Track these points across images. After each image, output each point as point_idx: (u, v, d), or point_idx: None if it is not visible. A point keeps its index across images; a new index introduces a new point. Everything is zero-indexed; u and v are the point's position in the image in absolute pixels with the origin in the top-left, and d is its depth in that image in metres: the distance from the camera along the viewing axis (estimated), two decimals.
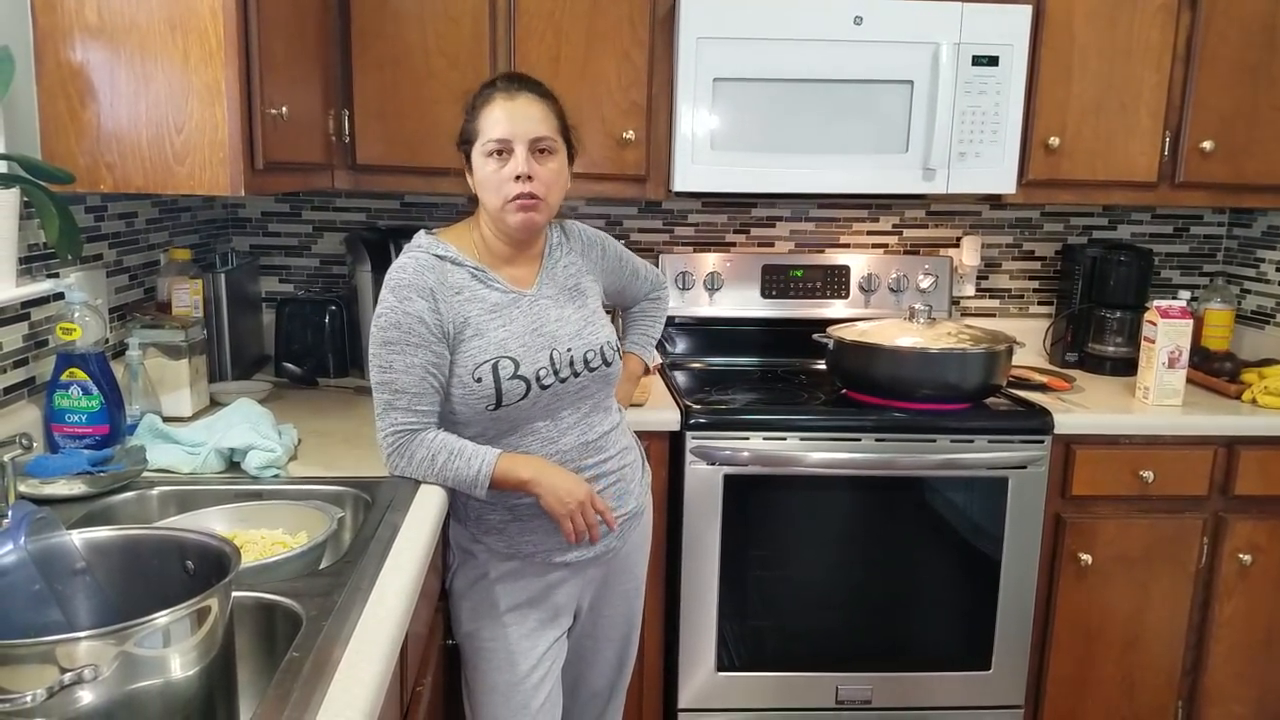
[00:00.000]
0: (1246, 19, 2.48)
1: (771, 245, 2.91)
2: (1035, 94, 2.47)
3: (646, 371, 2.11)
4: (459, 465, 1.60)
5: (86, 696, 0.87)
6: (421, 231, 1.72)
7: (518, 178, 1.62)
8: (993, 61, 2.37)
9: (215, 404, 2.11)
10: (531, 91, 1.67)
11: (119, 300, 2.08)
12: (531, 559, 1.73)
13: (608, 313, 1.88)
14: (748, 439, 2.21)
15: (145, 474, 1.63)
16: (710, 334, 2.79)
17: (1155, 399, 2.38)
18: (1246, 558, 2.36)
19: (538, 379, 1.65)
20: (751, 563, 2.27)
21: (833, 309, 2.79)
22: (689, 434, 2.20)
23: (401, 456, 1.62)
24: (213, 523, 1.46)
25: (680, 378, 2.55)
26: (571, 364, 1.69)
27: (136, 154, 1.68)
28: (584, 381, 1.71)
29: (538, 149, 1.64)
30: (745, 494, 2.23)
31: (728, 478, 2.21)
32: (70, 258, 1.83)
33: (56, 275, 1.81)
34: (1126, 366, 2.67)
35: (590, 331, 1.74)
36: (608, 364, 1.74)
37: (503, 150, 1.63)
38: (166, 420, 1.84)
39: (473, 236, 1.73)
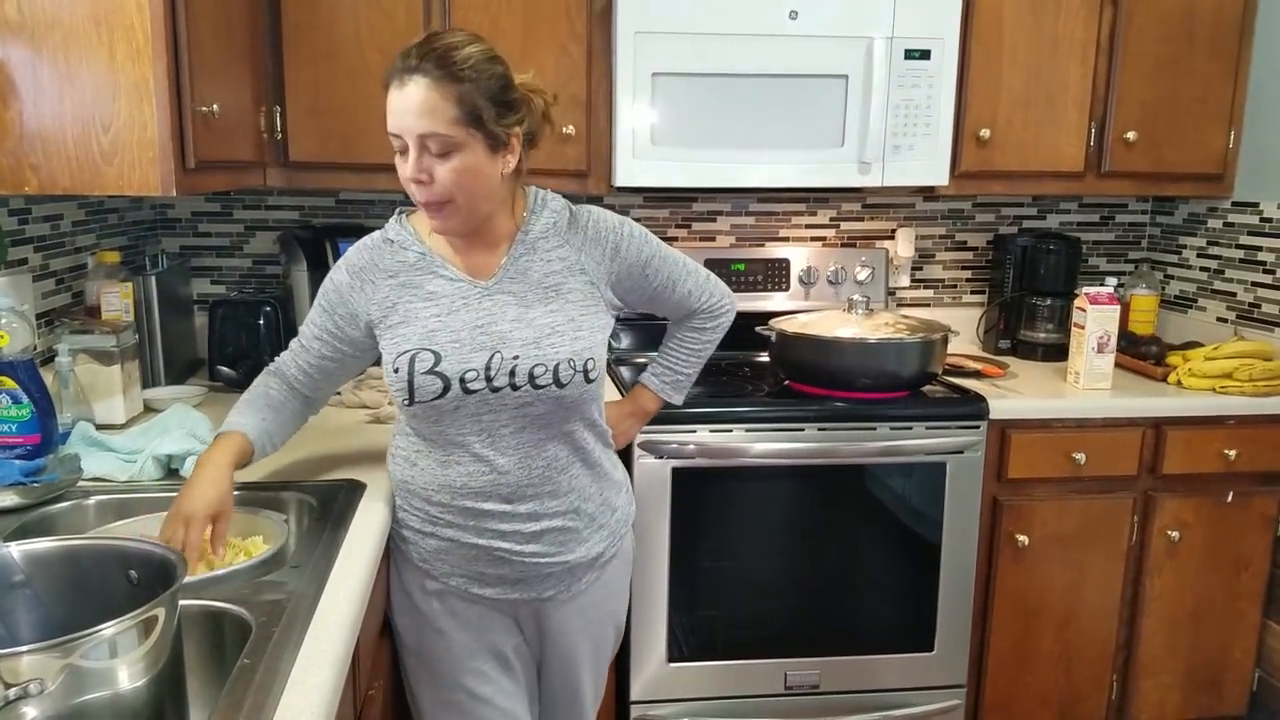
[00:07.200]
0: (1165, 13, 2.56)
1: (713, 239, 2.92)
2: (966, 87, 2.52)
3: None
4: (230, 417, 1.59)
5: (32, 712, 0.84)
6: (399, 209, 1.62)
7: (416, 180, 1.42)
8: (925, 55, 2.41)
9: (149, 410, 2.06)
10: (426, 74, 1.36)
11: (46, 305, 2.02)
12: (448, 580, 1.60)
13: (618, 320, 1.65)
14: (694, 432, 2.22)
15: (80, 483, 1.59)
16: (653, 328, 2.79)
17: (1085, 383, 2.45)
18: (1175, 534, 2.44)
19: (462, 380, 1.46)
20: (700, 554, 2.29)
21: (774, 301, 2.82)
22: None
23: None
24: (154, 531, 1.43)
25: (625, 373, 2.56)
26: (512, 374, 1.47)
27: (62, 154, 1.62)
28: (525, 398, 1.48)
29: (429, 146, 1.39)
30: (693, 487, 2.24)
31: (675, 471, 2.22)
32: None
33: None
34: (1058, 352, 2.74)
35: (552, 342, 1.49)
36: (560, 385, 1.48)
37: (402, 148, 1.42)
38: (100, 428, 1.79)
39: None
